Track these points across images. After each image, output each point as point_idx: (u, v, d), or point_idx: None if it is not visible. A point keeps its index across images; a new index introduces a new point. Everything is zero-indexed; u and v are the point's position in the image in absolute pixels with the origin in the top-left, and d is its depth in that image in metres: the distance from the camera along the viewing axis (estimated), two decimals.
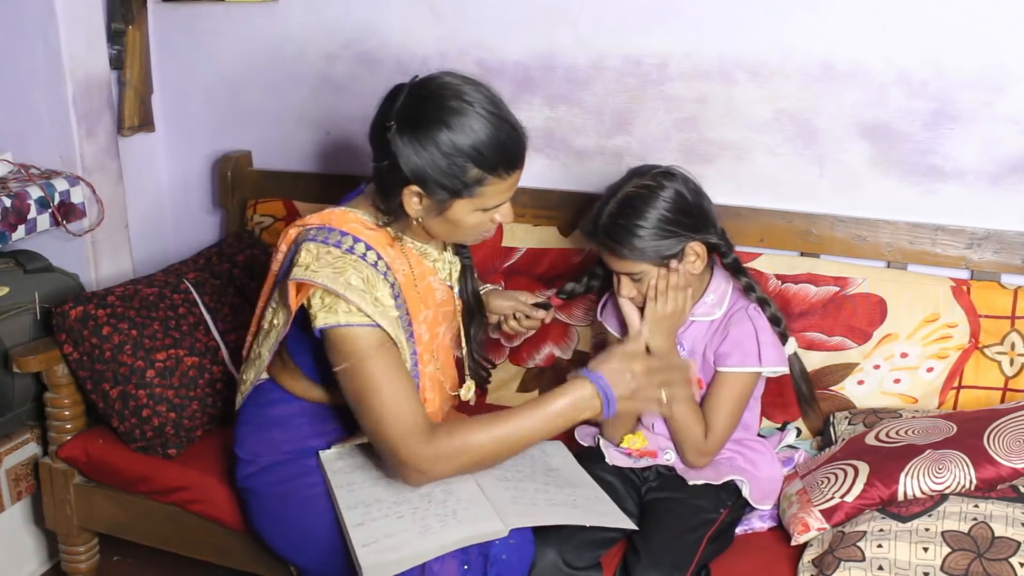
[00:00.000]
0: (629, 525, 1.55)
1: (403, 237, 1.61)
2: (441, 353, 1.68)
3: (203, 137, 2.52)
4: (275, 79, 2.39)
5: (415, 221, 1.55)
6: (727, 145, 2.03)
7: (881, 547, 1.50)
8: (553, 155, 2.18)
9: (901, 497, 1.55)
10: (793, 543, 1.62)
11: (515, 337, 2.10)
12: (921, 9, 1.83)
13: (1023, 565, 1.42)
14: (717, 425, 1.71)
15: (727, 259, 1.77)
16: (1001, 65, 1.81)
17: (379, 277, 1.51)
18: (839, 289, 1.92)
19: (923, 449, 1.59)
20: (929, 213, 1.92)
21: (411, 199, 1.50)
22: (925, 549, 1.48)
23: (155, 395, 1.90)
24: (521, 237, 2.16)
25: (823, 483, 1.65)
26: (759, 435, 1.87)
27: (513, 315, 1.87)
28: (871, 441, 1.69)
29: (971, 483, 1.52)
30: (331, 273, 1.47)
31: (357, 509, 1.52)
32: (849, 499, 1.58)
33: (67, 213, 2.12)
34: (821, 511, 1.60)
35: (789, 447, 1.89)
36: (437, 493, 1.53)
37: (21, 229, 2.00)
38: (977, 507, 1.51)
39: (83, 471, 2.01)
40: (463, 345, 1.76)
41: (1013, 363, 1.83)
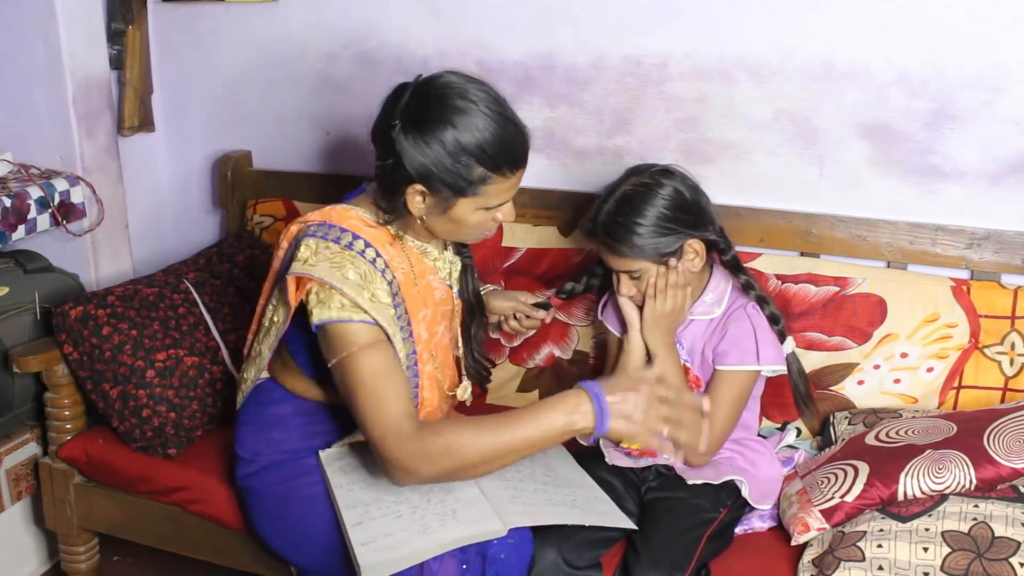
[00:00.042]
0: (628, 525, 1.55)
1: (404, 235, 1.61)
2: (439, 352, 1.68)
3: (203, 137, 2.52)
4: (275, 79, 2.39)
5: (417, 220, 1.55)
6: (727, 145, 2.03)
7: (881, 547, 1.50)
8: (553, 155, 2.18)
9: (901, 497, 1.55)
10: (793, 543, 1.62)
11: (515, 337, 2.10)
12: (921, 9, 1.83)
13: (1023, 565, 1.43)
14: (716, 424, 1.71)
15: (726, 256, 1.78)
16: (1001, 65, 1.81)
17: (377, 274, 1.51)
18: (839, 289, 1.92)
19: (923, 449, 1.59)
20: (929, 213, 1.92)
21: (415, 198, 1.50)
22: (925, 549, 1.48)
23: (155, 395, 1.90)
24: (521, 237, 2.16)
25: (823, 483, 1.65)
26: (759, 435, 1.87)
27: (513, 315, 1.87)
28: (871, 441, 1.69)
29: (971, 483, 1.52)
30: (329, 267, 1.48)
31: (356, 508, 1.52)
32: (849, 499, 1.58)
33: (67, 213, 2.12)
34: (821, 511, 1.60)
35: (789, 447, 1.89)
36: (436, 493, 1.53)
37: (21, 229, 2.00)
38: (977, 507, 1.51)
39: (83, 471, 2.01)
40: (463, 344, 1.76)
41: (1013, 363, 1.83)
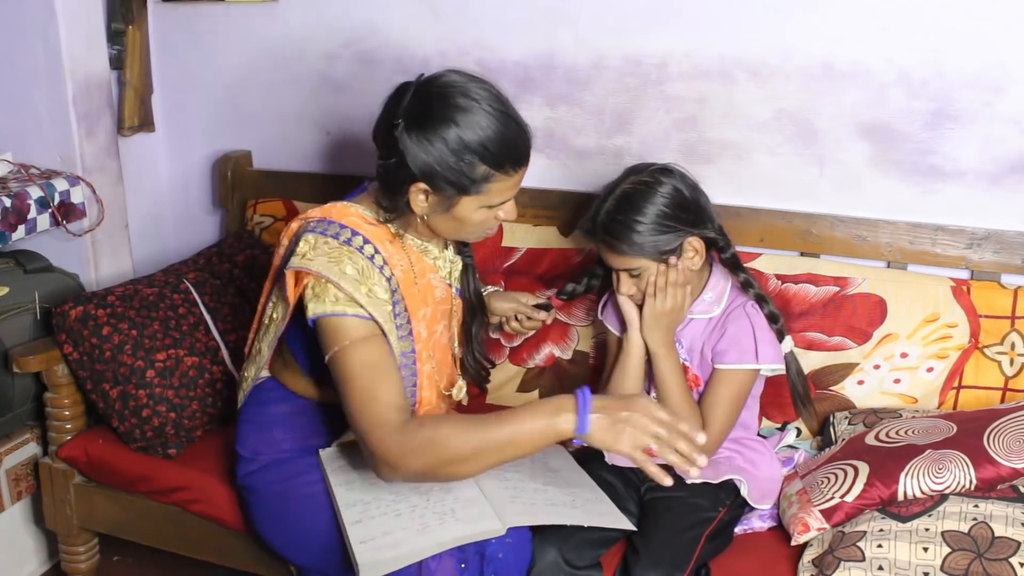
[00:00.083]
0: (627, 526, 1.55)
1: (404, 234, 1.61)
2: (438, 351, 1.68)
3: (203, 137, 2.52)
4: (275, 79, 2.39)
5: (419, 219, 1.55)
6: (727, 145, 2.03)
7: (881, 547, 1.50)
8: (553, 155, 2.18)
9: (901, 497, 1.55)
10: (793, 543, 1.62)
11: (515, 337, 2.10)
12: (921, 9, 1.83)
13: (1023, 565, 1.43)
14: (715, 423, 1.71)
15: (725, 254, 1.78)
16: (1001, 65, 1.81)
17: (375, 270, 1.51)
18: (839, 289, 1.92)
19: (923, 449, 1.59)
20: (929, 213, 1.91)
21: (418, 196, 1.51)
22: (925, 549, 1.48)
23: (155, 395, 1.90)
24: (521, 237, 2.16)
25: (823, 483, 1.65)
26: (759, 435, 1.87)
27: (515, 317, 1.87)
28: (871, 441, 1.69)
29: (971, 483, 1.52)
30: (326, 262, 1.48)
31: (355, 507, 1.52)
32: (849, 499, 1.58)
33: (67, 213, 2.12)
34: (821, 511, 1.60)
35: (789, 447, 1.89)
36: (436, 492, 1.53)
37: (21, 229, 2.00)
38: (977, 507, 1.51)
39: (83, 471, 2.01)
40: (463, 344, 1.76)
41: (1013, 363, 1.83)
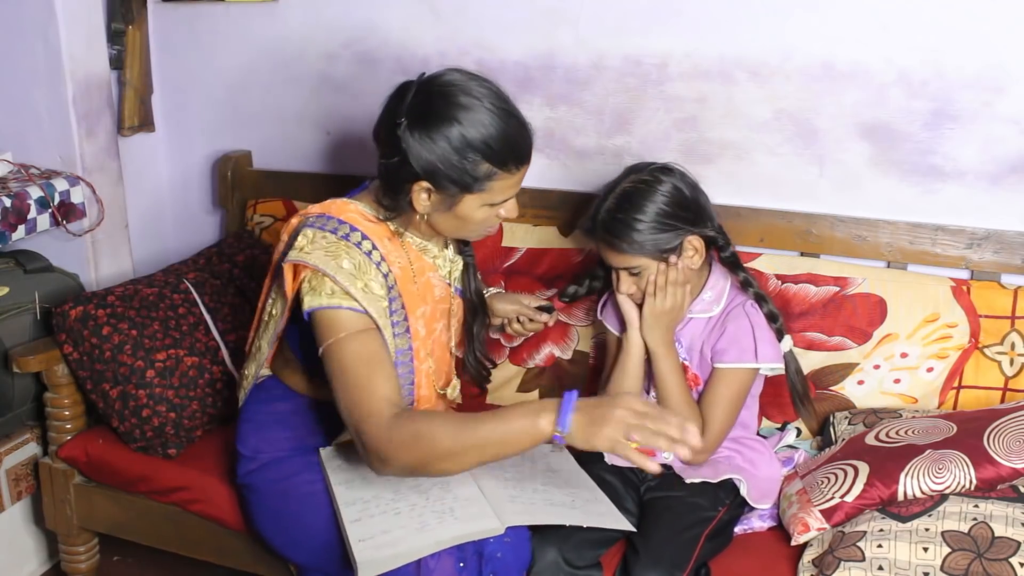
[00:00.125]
0: (627, 527, 1.55)
1: (404, 232, 1.61)
2: (437, 349, 1.68)
3: (203, 137, 2.52)
4: (275, 79, 2.39)
5: (421, 217, 1.55)
6: (727, 145, 2.03)
7: (881, 547, 1.50)
8: (553, 155, 2.17)
9: (901, 497, 1.55)
10: (793, 543, 1.62)
11: (515, 337, 2.10)
12: (921, 9, 1.83)
13: (1023, 565, 1.43)
14: (714, 422, 1.71)
15: (725, 253, 1.78)
16: (1001, 65, 1.81)
17: (372, 265, 1.52)
18: (839, 289, 1.92)
19: (923, 449, 1.59)
20: (929, 213, 1.91)
21: (420, 195, 1.51)
22: (925, 549, 1.48)
23: (155, 395, 1.90)
24: (521, 237, 2.16)
25: (823, 483, 1.65)
26: (759, 434, 1.87)
27: (516, 318, 1.87)
28: (871, 441, 1.69)
29: (971, 483, 1.52)
30: (323, 256, 1.49)
31: (355, 505, 1.53)
32: (849, 499, 1.58)
33: (67, 213, 2.12)
34: (821, 511, 1.60)
35: (789, 447, 1.89)
36: (435, 491, 1.53)
37: (21, 229, 2.00)
38: (977, 507, 1.51)
39: (83, 471, 2.01)
40: (465, 344, 1.76)
41: (1013, 363, 1.83)
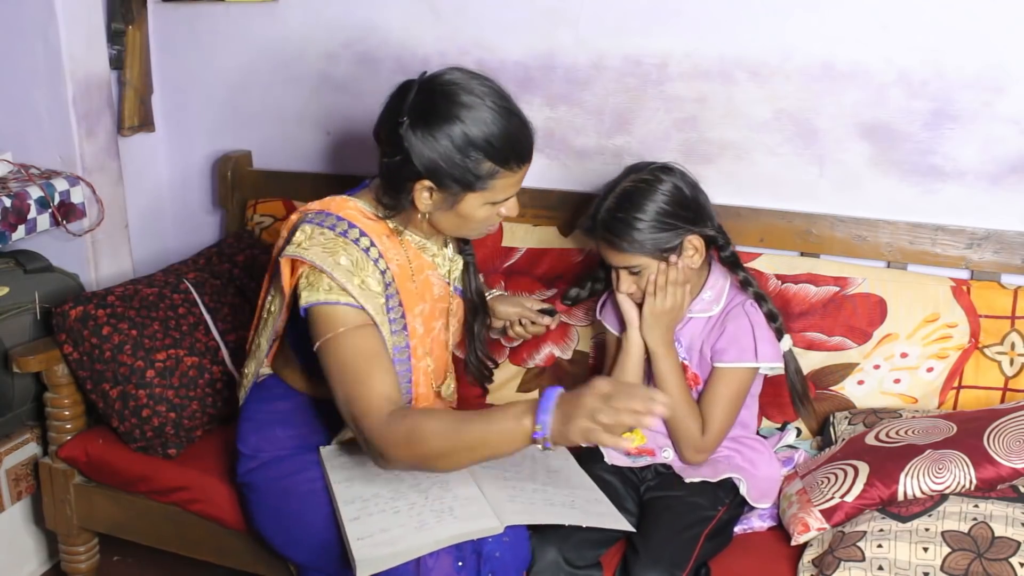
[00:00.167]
0: (626, 527, 1.55)
1: (403, 231, 1.61)
2: (436, 348, 1.68)
3: (203, 137, 2.52)
4: (275, 79, 2.39)
5: (422, 216, 1.56)
6: (727, 145, 2.03)
7: (881, 547, 1.50)
8: (553, 155, 2.17)
9: (901, 497, 1.55)
10: (793, 543, 1.62)
11: (516, 339, 2.10)
12: (921, 9, 1.83)
13: (1023, 565, 1.43)
14: (714, 421, 1.72)
15: (725, 252, 1.78)
16: (1001, 65, 1.81)
17: (369, 262, 1.52)
18: (839, 289, 1.92)
19: (923, 449, 1.59)
20: (929, 213, 1.91)
21: (422, 194, 1.51)
22: (925, 549, 1.48)
23: (155, 395, 1.90)
24: (521, 237, 2.16)
25: (823, 483, 1.65)
26: (759, 434, 1.87)
27: (519, 321, 1.87)
28: (871, 441, 1.69)
29: (971, 483, 1.52)
30: (321, 252, 1.49)
31: (354, 504, 1.53)
32: (849, 499, 1.58)
33: (67, 213, 2.11)
34: (821, 511, 1.60)
35: (789, 447, 1.89)
36: (435, 489, 1.54)
37: (21, 229, 2.00)
38: (977, 507, 1.51)
39: (83, 471, 2.01)
40: (466, 343, 1.76)
41: (1013, 363, 1.83)
